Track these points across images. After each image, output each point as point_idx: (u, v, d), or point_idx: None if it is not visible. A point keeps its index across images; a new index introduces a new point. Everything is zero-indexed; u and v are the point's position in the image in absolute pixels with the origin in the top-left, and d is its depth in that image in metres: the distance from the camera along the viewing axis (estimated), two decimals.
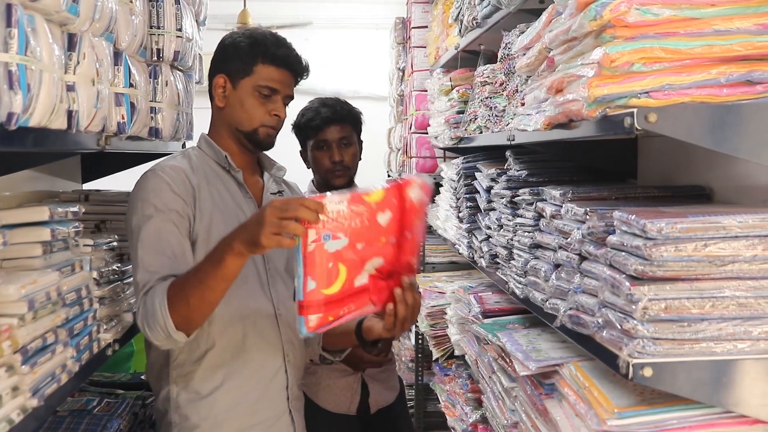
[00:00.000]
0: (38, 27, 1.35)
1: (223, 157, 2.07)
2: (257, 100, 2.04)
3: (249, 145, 2.09)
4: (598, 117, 1.36)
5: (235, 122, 2.06)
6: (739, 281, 1.32)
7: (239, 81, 2.04)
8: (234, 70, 2.04)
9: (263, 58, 2.03)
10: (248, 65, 2.03)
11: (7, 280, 1.48)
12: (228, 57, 2.07)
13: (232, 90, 2.05)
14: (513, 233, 2.14)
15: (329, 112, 2.81)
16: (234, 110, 2.06)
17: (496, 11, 2.55)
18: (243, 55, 2.04)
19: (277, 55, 2.04)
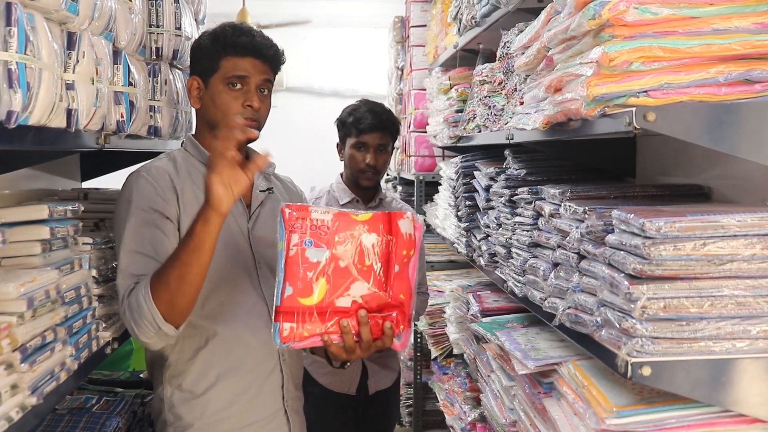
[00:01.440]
0: (38, 25, 1.35)
1: (206, 157, 1.99)
2: (229, 95, 1.99)
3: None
4: (596, 116, 1.37)
5: (212, 120, 2.03)
6: (737, 280, 1.32)
7: (209, 79, 2.01)
8: (203, 69, 2.03)
9: (225, 50, 2.00)
10: (214, 62, 2.01)
11: (7, 279, 1.48)
12: (196, 58, 2.06)
13: (205, 90, 2.02)
14: (512, 232, 2.14)
15: (375, 120, 2.97)
16: (208, 109, 2.03)
17: (494, 10, 2.56)
18: (207, 52, 2.02)
19: (239, 44, 2.00)
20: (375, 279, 1.63)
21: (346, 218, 1.62)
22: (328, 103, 7.66)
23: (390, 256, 1.64)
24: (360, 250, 1.62)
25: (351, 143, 2.99)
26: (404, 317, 1.66)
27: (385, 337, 1.66)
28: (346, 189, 3.05)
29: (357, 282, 1.62)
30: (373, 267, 1.63)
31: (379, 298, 1.64)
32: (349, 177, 3.05)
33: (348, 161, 3.02)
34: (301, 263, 1.59)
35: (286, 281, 1.59)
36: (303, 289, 1.59)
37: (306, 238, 1.59)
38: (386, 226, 1.64)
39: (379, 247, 1.63)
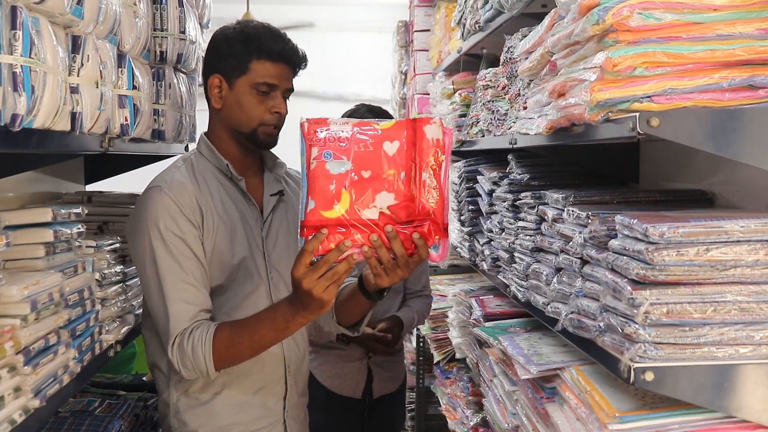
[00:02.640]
0: (43, 29, 1.36)
1: (224, 166, 1.99)
2: (255, 99, 1.94)
3: (250, 145, 2.00)
4: (600, 121, 1.37)
5: (233, 124, 1.97)
6: (741, 286, 1.32)
7: (235, 80, 1.95)
8: (229, 68, 1.95)
9: (258, 53, 1.93)
10: (243, 63, 1.94)
11: (10, 281, 1.48)
12: (221, 55, 1.97)
13: (229, 90, 1.96)
14: (515, 237, 2.14)
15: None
16: (232, 111, 1.96)
17: (498, 15, 2.56)
18: (237, 52, 1.94)
19: (273, 50, 1.94)
20: (400, 188, 1.56)
21: (367, 127, 1.56)
22: (331, 108, 7.66)
23: (416, 163, 1.56)
24: (381, 159, 1.55)
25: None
26: (437, 227, 1.57)
27: (419, 248, 1.56)
28: None
29: (382, 192, 1.56)
30: (398, 176, 1.56)
31: (408, 207, 1.56)
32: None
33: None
34: (322, 176, 1.54)
35: (309, 195, 1.54)
36: (326, 202, 1.54)
37: (325, 151, 1.54)
38: (410, 133, 1.56)
39: (402, 154, 1.56)
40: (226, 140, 2.00)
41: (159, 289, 1.83)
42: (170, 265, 1.84)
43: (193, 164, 1.99)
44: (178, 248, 1.85)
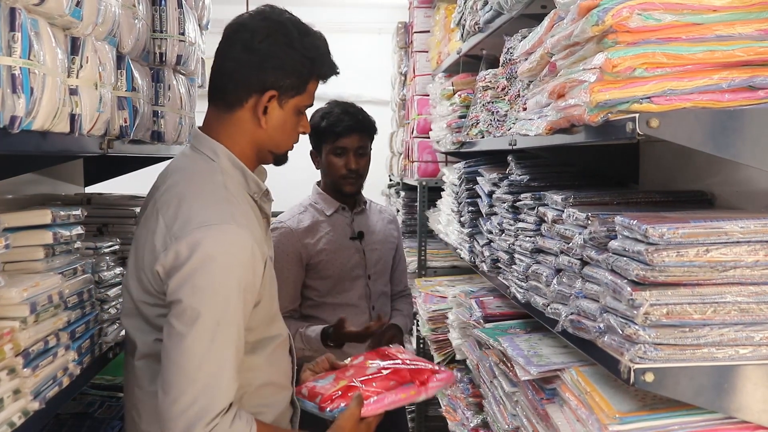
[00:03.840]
0: (42, 31, 1.36)
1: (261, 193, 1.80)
2: (296, 120, 1.78)
3: (270, 162, 1.85)
4: (599, 122, 1.37)
5: (271, 145, 1.78)
6: (740, 286, 1.32)
7: (288, 100, 1.74)
8: (286, 87, 1.73)
9: (318, 76, 1.78)
10: (303, 83, 1.75)
11: (10, 283, 1.48)
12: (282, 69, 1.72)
13: (278, 109, 1.74)
14: (514, 238, 2.14)
15: (352, 121, 2.84)
16: (275, 132, 1.76)
17: (498, 16, 2.56)
18: (302, 71, 1.74)
19: (328, 74, 1.81)
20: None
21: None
22: None
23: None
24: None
25: (328, 149, 2.84)
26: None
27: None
28: (328, 198, 2.90)
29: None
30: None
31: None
32: (330, 185, 2.90)
33: (327, 169, 2.86)
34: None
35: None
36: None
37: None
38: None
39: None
40: (249, 155, 1.78)
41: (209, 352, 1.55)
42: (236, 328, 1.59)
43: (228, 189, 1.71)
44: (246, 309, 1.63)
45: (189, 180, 1.71)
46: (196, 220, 1.59)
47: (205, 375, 1.54)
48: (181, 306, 1.56)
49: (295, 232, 2.83)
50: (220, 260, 1.56)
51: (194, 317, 1.54)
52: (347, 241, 2.88)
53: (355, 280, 2.89)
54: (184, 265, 1.56)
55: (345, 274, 2.86)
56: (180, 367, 1.54)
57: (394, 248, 3.07)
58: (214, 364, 1.55)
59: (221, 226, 1.59)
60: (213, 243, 1.57)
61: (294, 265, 2.80)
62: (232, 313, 1.58)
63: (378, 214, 3.07)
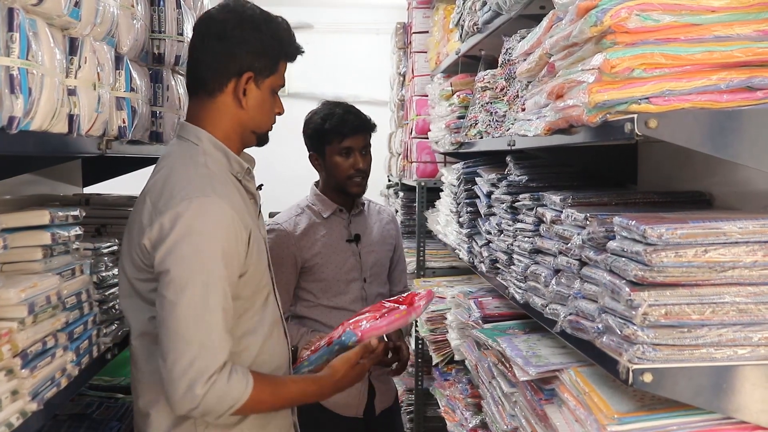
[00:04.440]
0: (40, 31, 1.36)
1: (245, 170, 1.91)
2: (272, 99, 1.92)
3: (254, 143, 1.97)
4: (598, 122, 1.37)
5: (253, 125, 1.91)
6: (739, 287, 1.32)
7: (264, 80, 1.88)
8: (261, 67, 1.86)
9: (287, 55, 1.92)
10: (274, 63, 1.88)
11: (8, 284, 1.48)
12: (255, 52, 1.86)
13: (256, 89, 1.87)
14: (513, 238, 2.14)
15: (357, 121, 2.84)
16: (256, 112, 1.89)
17: (496, 17, 2.56)
18: (271, 51, 1.87)
19: (297, 52, 1.95)
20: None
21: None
22: None
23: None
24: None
25: (334, 150, 2.81)
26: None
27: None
28: (327, 200, 2.89)
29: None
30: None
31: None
32: (334, 186, 2.88)
33: (332, 170, 2.84)
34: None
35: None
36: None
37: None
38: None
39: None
40: (234, 138, 1.91)
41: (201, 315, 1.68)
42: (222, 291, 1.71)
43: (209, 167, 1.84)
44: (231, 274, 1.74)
45: (173, 163, 1.84)
46: (178, 195, 1.72)
47: (199, 337, 1.67)
48: (169, 276, 1.69)
49: (290, 235, 2.82)
50: (202, 229, 1.70)
51: (183, 285, 1.68)
52: (343, 244, 2.87)
53: (351, 282, 2.88)
54: (168, 237, 1.69)
55: (340, 277, 2.85)
56: (175, 332, 1.67)
57: (392, 249, 3.06)
58: (206, 325, 1.68)
59: (201, 198, 1.72)
60: (194, 214, 1.70)
61: (288, 267, 2.79)
62: (217, 277, 1.70)
63: (376, 215, 3.05)
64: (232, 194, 1.81)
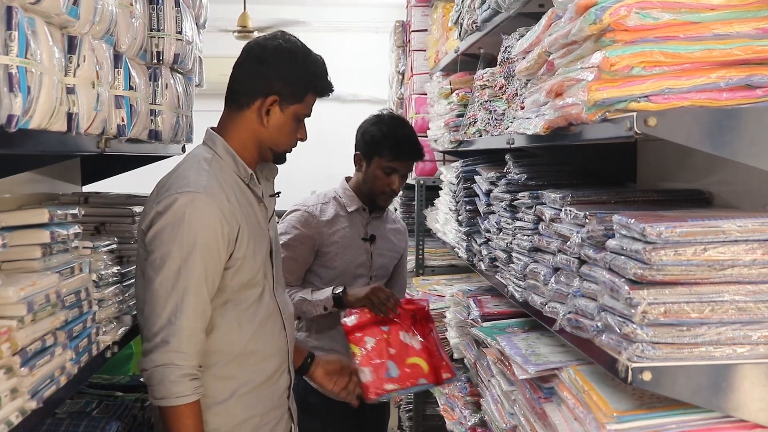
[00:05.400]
0: (38, 29, 1.35)
1: (249, 176, 2.08)
2: (295, 125, 2.09)
3: (271, 159, 2.13)
4: (597, 121, 1.37)
5: (272, 142, 2.08)
6: (738, 285, 1.32)
7: (288, 106, 2.06)
8: (287, 94, 2.05)
9: (315, 91, 2.09)
10: (301, 94, 2.07)
11: (7, 282, 1.48)
12: (285, 79, 2.05)
13: (279, 113, 2.06)
14: (512, 237, 2.14)
15: (412, 150, 2.93)
16: (276, 132, 2.07)
17: (495, 15, 2.56)
18: (300, 83, 2.06)
19: (326, 91, 2.12)
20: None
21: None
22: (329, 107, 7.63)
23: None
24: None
25: (380, 164, 2.91)
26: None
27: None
28: (354, 197, 2.99)
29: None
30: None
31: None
32: (365, 191, 2.97)
33: (371, 180, 2.94)
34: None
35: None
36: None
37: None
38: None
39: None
40: (250, 149, 2.09)
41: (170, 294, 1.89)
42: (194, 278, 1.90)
43: (216, 171, 2.02)
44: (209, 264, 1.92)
45: (184, 162, 2.05)
46: (173, 188, 1.94)
47: (167, 312, 1.88)
48: (153, 256, 1.92)
49: (315, 218, 2.92)
50: (186, 219, 1.89)
51: (161, 265, 1.90)
52: (359, 241, 2.97)
53: (358, 278, 2.96)
54: (157, 222, 1.92)
55: (350, 270, 2.94)
56: (149, 304, 1.91)
57: (397, 258, 3.14)
58: (173, 304, 1.88)
59: (192, 193, 1.91)
60: (182, 205, 1.90)
61: (306, 247, 2.89)
62: (192, 265, 1.89)
63: (392, 223, 3.15)
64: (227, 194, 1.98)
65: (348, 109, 7.88)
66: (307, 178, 7.00)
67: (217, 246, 1.93)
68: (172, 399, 1.87)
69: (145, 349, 1.92)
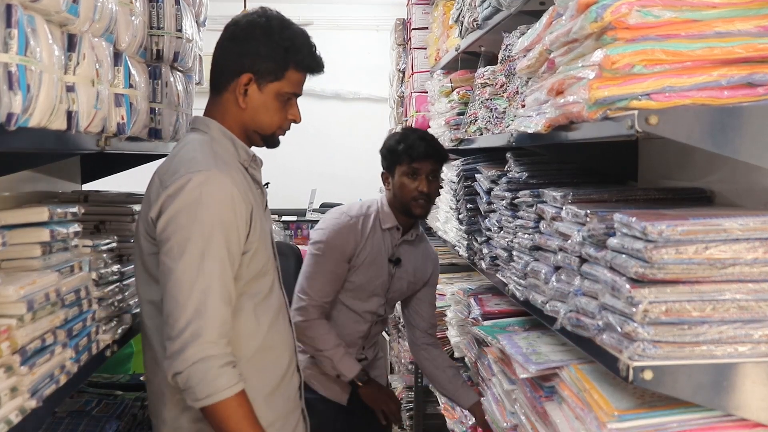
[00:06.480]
0: (38, 27, 1.35)
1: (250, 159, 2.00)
2: (279, 104, 1.97)
3: (260, 144, 2.03)
4: (598, 119, 1.36)
5: (254, 125, 1.97)
6: (739, 284, 1.31)
7: (266, 84, 1.94)
8: (263, 71, 1.93)
9: (297, 65, 1.96)
10: (280, 70, 1.94)
11: (7, 281, 1.48)
12: (258, 56, 1.92)
13: (258, 92, 1.94)
14: (513, 235, 2.14)
15: (428, 147, 2.90)
16: (256, 113, 1.95)
17: (496, 13, 2.55)
18: (277, 58, 1.93)
19: (310, 66, 1.99)
20: None
21: None
22: (329, 106, 7.67)
23: None
24: None
25: (402, 171, 2.89)
26: None
27: None
28: (391, 214, 2.95)
29: None
30: None
31: None
32: (399, 206, 2.94)
33: (399, 189, 2.90)
34: None
35: None
36: None
37: None
38: None
39: None
40: (239, 134, 1.99)
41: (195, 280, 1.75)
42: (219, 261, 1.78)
43: (218, 149, 1.92)
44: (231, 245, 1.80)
45: (181, 147, 1.95)
46: (182, 169, 1.82)
47: (193, 302, 1.74)
48: (169, 244, 1.78)
49: (356, 230, 2.89)
50: (202, 200, 1.77)
51: (181, 252, 1.76)
52: (384, 260, 2.95)
53: (373, 296, 2.96)
54: (170, 207, 1.79)
55: (368, 287, 2.94)
56: (173, 297, 1.76)
57: (418, 286, 3.10)
58: (201, 292, 1.74)
59: (203, 171, 1.80)
60: (195, 185, 1.78)
61: (341, 261, 2.87)
62: (215, 246, 1.77)
63: (422, 251, 3.10)
64: (236, 176, 1.87)
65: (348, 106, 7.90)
66: (308, 175, 7.03)
67: (236, 226, 1.82)
68: (221, 393, 1.73)
69: (174, 350, 1.74)
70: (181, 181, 1.79)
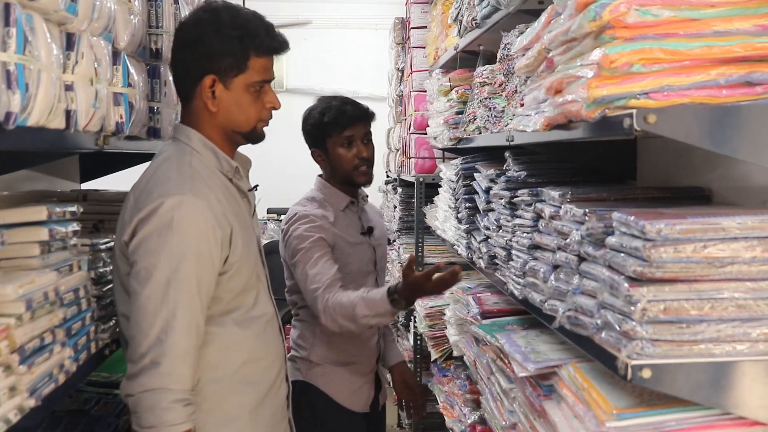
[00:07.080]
0: (37, 26, 1.35)
1: (233, 169, 1.94)
2: (252, 96, 1.88)
3: (244, 142, 1.98)
4: (597, 118, 1.36)
5: (231, 125, 1.90)
6: (738, 283, 1.31)
7: (232, 79, 1.86)
8: (224, 68, 1.85)
9: (257, 51, 1.85)
10: (241, 61, 1.84)
11: (5, 280, 1.47)
12: (214, 53, 1.84)
13: (225, 90, 1.86)
14: (512, 234, 2.14)
15: (355, 110, 2.82)
16: (230, 113, 1.88)
17: (495, 12, 2.55)
18: (234, 50, 1.83)
19: (271, 46, 1.88)
20: None
21: None
22: None
23: None
24: None
25: (334, 142, 2.79)
26: None
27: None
28: (339, 193, 2.86)
29: None
30: None
31: None
32: (340, 179, 2.84)
33: (337, 163, 2.81)
34: None
35: None
36: None
37: None
38: None
39: None
40: (219, 140, 1.93)
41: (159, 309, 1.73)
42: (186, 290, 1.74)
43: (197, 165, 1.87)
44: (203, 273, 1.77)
45: (160, 162, 1.89)
46: (156, 192, 1.78)
47: (156, 330, 1.71)
48: (137, 267, 1.76)
49: (324, 222, 2.76)
50: (173, 225, 1.73)
51: (147, 277, 1.73)
52: (360, 237, 2.87)
53: (368, 275, 2.89)
54: (141, 230, 1.75)
55: (362, 268, 2.86)
56: (136, 322, 1.75)
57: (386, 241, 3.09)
58: (163, 321, 1.71)
59: (178, 196, 1.75)
60: (168, 211, 1.74)
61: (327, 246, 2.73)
62: (183, 275, 1.73)
63: (372, 209, 3.07)
64: (214, 193, 1.83)
65: None
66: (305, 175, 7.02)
67: (210, 253, 1.77)
68: (164, 428, 1.70)
69: (131, 372, 1.75)
70: (154, 204, 1.76)
